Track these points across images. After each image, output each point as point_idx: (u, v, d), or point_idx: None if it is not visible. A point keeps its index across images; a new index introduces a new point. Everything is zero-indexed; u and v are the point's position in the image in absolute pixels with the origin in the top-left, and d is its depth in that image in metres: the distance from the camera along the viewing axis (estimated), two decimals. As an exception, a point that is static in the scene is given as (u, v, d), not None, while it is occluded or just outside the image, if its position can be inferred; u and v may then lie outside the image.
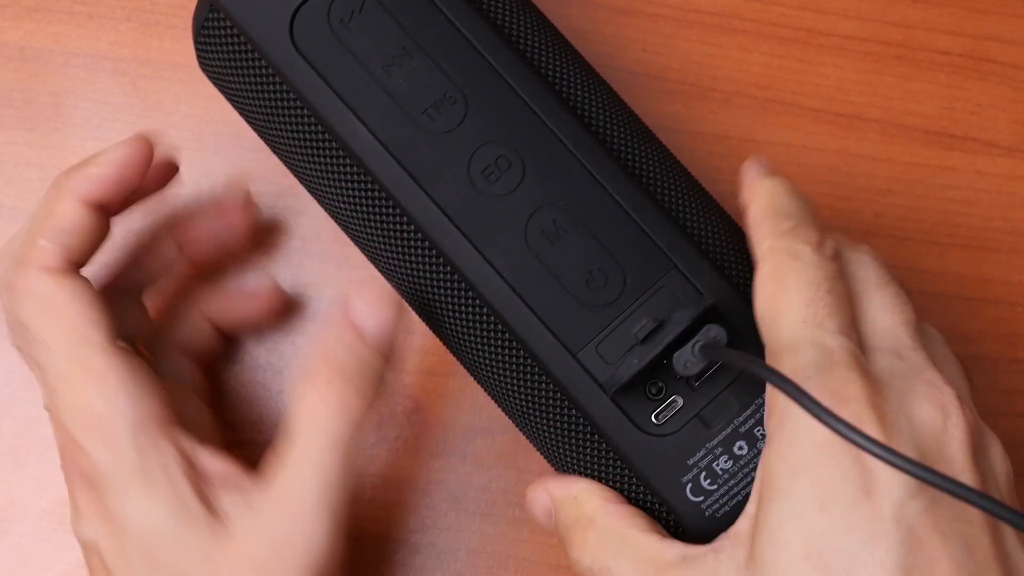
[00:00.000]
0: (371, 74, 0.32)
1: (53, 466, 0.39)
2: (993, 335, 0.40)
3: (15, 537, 0.39)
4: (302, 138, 0.32)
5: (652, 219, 0.31)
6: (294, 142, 0.33)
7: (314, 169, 0.33)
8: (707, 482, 0.31)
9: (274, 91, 0.32)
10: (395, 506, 0.39)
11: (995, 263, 0.41)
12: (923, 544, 0.25)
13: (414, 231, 0.32)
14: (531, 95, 0.32)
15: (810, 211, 0.31)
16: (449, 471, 0.39)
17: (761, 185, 0.31)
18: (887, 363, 0.29)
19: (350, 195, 0.32)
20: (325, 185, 0.33)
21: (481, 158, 0.31)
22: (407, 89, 0.31)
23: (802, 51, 0.42)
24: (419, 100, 0.31)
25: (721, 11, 0.42)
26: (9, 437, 0.39)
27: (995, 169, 0.41)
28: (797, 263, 0.29)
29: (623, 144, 0.32)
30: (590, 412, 0.31)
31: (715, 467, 0.31)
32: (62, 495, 0.39)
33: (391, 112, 0.31)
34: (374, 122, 0.31)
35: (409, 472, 0.40)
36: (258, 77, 0.32)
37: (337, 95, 0.31)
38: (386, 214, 0.32)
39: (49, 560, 0.39)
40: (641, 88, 0.42)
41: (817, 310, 0.28)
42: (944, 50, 0.42)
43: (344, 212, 0.33)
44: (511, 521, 0.39)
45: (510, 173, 0.31)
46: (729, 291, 0.31)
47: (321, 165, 0.32)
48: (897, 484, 0.26)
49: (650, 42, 0.42)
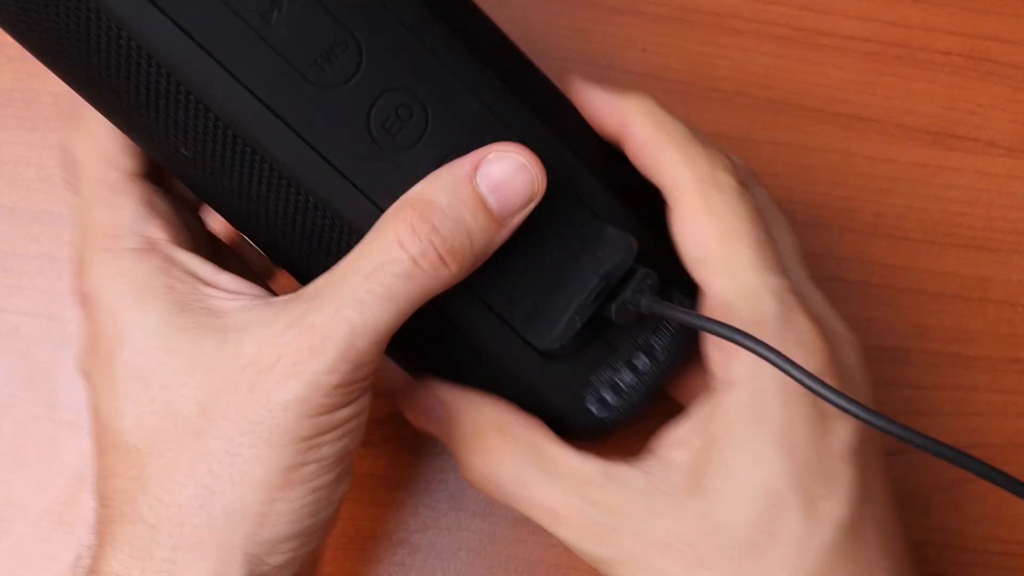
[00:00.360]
0: (246, 22, 0.26)
1: (53, 466, 0.39)
2: (993, 335, 0.40)
3: (15, 537, 0.39)
4: (161, 108, 0.27)
5: (557, 152, 0.29)
6: (150, 114, 0.27)
7: (180, 145, 0.27)
8: (610, 396, 0.30)
9: (118, 51, 0.26)
10: (395, 506, 0.39)
11: (995, 263, 0.41)
12: (871, 481, 0.28)
13: (314, 205, 0.28)
14: (429, 36, 0.28)
15: (695, 129, 0.30)
16: (449, 471, 0.39)
17: (633, 105, 0.30)
18: (812, 300, 0.30)
19: (230, 171, 0.28)
20: (196, 164, 0.28)
21: (381, 110, 0.28)
22: (291, 38, 0.27)
23: (802, 51, 0.42)
24: (307, 49, 0.27)
25: (721, 11, 0.42)
26: (9, 437, 0.39)
27: (995, 169, 0.41)
28: (727, 196, 0.28)
29: (530, 88, 0.31)
30: (485, 341, 0.30)
31: (617, 381, 0.30)
32: (62, 495, 0.39)
33: (274, 66, 0.27)
34: (253, 80, 0.26)
35: (409, 472, 0.40)
36: (92, 34, 0.26)
37: (203, 49, 0.26)
38: (280, 189, 0.28)
39: (49, 560, 0.39)
40: (641, 88, 0.41)
41: (765, 253, 0.28)
42: (944, 50, 0.42)
43: (225, 192, 0.28)
44: (511, 521, 0.39)
45: (413, 123, 0.28)
46: (634, 222, 0.30)
47: (190, 139, 0.27)
48: (851, 429, 0.28)
49: (650, 42, 0.42)
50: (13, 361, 0.40)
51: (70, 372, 0.40)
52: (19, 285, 0.40)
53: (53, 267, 0.40)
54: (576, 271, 0.29)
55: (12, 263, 0.40)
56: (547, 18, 0.42)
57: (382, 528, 0.39)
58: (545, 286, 0.29)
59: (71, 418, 0.40)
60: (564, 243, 0.29)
